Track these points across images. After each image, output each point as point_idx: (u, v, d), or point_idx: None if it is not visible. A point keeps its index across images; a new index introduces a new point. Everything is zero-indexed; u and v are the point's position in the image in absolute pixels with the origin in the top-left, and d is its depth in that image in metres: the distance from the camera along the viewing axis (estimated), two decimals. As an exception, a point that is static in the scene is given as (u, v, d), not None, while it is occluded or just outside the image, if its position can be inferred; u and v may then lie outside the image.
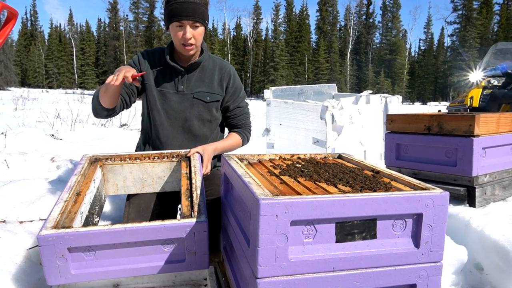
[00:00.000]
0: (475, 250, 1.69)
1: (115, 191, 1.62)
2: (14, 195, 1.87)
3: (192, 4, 1.60)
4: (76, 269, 1.10)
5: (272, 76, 48.01)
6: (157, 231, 1.09)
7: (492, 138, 2.03)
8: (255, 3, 56.17)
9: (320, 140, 3.25)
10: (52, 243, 1.04)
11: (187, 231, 1.11)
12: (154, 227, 1.08)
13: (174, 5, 1.60)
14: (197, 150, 1.64)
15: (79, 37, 57.01)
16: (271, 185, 1.06)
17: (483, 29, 47.69)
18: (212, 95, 1.79)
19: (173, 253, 1.14)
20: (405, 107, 22.93)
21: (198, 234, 1.12)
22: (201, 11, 1.63)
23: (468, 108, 4.93)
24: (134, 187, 1.63)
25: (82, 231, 1.06)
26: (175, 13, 1.60)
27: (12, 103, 13.20)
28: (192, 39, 1.64)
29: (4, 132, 3.87)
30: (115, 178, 1.60)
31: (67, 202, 1.24)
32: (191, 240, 1.12)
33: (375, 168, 1.24)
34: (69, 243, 1.06)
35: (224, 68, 1.83)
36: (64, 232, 1.05)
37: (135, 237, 1.09)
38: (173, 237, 1.12)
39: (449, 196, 0.97)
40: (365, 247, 0.94)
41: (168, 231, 1.10)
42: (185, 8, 1.59)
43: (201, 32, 1.67)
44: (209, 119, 1.82)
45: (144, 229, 1.08)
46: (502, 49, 5.65)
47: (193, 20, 1.61)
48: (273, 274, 0.87)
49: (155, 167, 1.62)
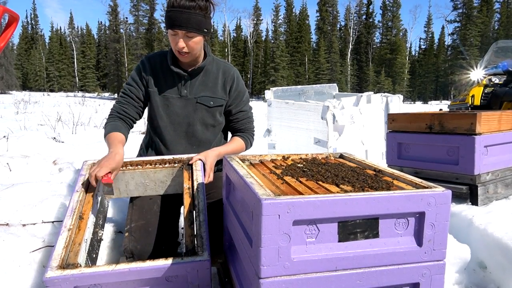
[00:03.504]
0: (478, 249, 1.69)
1: (117, 194, 1.63)
2: (17, 198, 1.87)
3: (186, 14, 1.56)
4: None
5: (273, 77, 48.00)
6: (160, 271, 1.12)
7: (494, 136, 2.02)
8: (255, 4, 56.24)
9: (321, 140, 3.25)
10: (58, 284, 1.07)
11: (189, 269, 1.14)
12: (157, 267, 1.11)
13: (171, 13, 1.58)
14: (199, 157, 1.63)
15: (79, 40, 57.19)
16: (273, 185, 1.07)
17: (483, 27, 47.62)
18: (216, 99, 1.78)
19: (176, 286, 1.17)
20: (406, 107, 22.91)
21: (201, 271, 1.15)
22: (197, 21, 1.58)
23: (469, 106, 4.92)
24: (137, 191, 1.64)
25: (87, 273, 1.08)
26: (170, 21, 1.59)
27: (14, 107, 13.25)
28: (185, 48, 1.62)
29: (6, 135, 3.88)
30: (117, 183, 1.60)
31: (70, 231, 1.25)
32: (194, 276, 1.15)
33: (377, 167, 1.24)
34: (75, 283, 1.08)
35: (228, 71, 1.82)
36: (70, 274, 1.07)
37: (139, 276, 1.11)
38: (176, 274, 1.15)
39: (451, 194, 0.97)
40: (367, 246, 0.94)
41: (171, 270, 1.12)
42: (178, 18, 1.56)
43: (196, 41, 1.63)
44: (212, 124, 1.81)
45: (148, 269, 1.11)
46: (503, 47, 5.64)
47: (186, 30, 1.58)
48: (276, 274, 0.87)
49: (157, 173, 1.62)
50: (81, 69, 53.88)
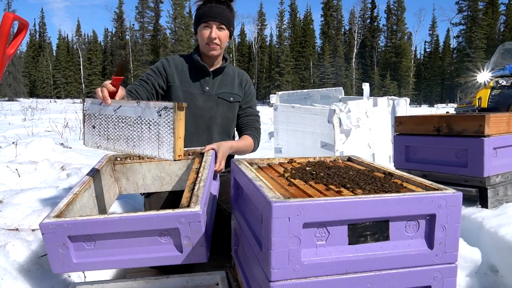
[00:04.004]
0: (489, 252, 1.67)
1: (135, 189, 1.66)
2: (26, 204, 1.88)
3: (219, 8, 1.77)
4: (77, 258, 1.12)
5: (278, 82, 48.09)
6: (151, 221, 1.09)
7: (503, 138, 2.00)
8: (259, 10, 56.54)
9: (328, 143, 3.24)
10: (52, 231, 1.08)
11: (181, 221, 1.09)
12: (148, 216, 1.09)
13: (203, 9, 1.77)
14: (212, 146, 1.65)
15: (86, 47, 57.75)
16: (282, 188, 1.06)
17: (489, 29, 47.39)
18: (235, 95, 1.93)
19: (170, 244, 1.14)
20: (412, 110, 22.73)
21: (193, 225, 1.10)
22: (227, 16, 1.79)
23: (476, 109, 4.89)
24: (154, 186, 1.66)
25: (79, 220, 1.09)
26: (203, 15, 1.77)
27: (21, 114, 13.38)
28: (217, 39, 1.77)
29: (15, 141, 3.92)
30: (135, 177, 1.64)
31: (75, 195, 1.27)
32: (186, 230, 1.10)
33: (386, 169, 1.23)
34: (68, 231, 1.08)
35: (243, 74, 2.02)
36: (63, 221, 1.08)
37: (130, 226, 1.09)
38: (168, 228, 1.11)
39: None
40: (378, 249, 0.93)
41: (162, 221, 1.09)
42: (212, 11, 1.76)
43: (226, 34, 1.81)
44: (232, 119, 1.94)
45: (139, 218, 1.09)
46: (510, 49, 5.61)
47: (219, 21, 1.76)
48: (286, 277, 0.87)
49: (172, 165, 1.65)
50: (87, 75, 54.37)
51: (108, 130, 1.31)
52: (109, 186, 1.55)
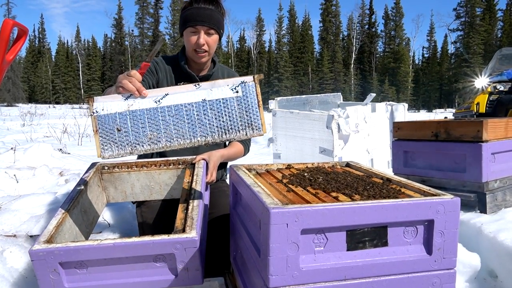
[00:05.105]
0: (488, 257, 1.67)
1: (123, 198, 1.63)
2: (24, 210, 1.88)
3: (208, 10, 1.60)
4: (69, 283, 1.09)
5: (277, 87, 48.20)
6: (146, 247, 1.07)
7: (501, 143, 2.01)
8: (258, 16, 56.82)
9: (326, 149, 3.24)
10: (43, 257, 1.04)
11: (177, 247, 1.07)
12: (143, 242, 1.06)
13: (190, 11, 1.60)
14: (203, 157, 1.62)
15: (85, 53, 57.89)
16: (280, 194, 1.06)
17: (486, 35, 47.67)
18: None
19: (165, 268, 1.12)
20: (410, 115, 22.80)
21: (189, 250, 1.08)
22: (217, 19, 1.63)
23: (474, 114, 4.91)
24: (142, 194, 1.63)
25: (72, 246, 1.05)
26: (190, 18, 1.60)
27: (20, 119, 13.38)
28: (205, 45, 1.63)
29: (13, 147, 3.92)
30: (123, 186, 1.61)
31: (65, 214, 1.24)
32: (182, 256, 1.09)
33: (384, 175, 1.23)
34: (60, 258, 1.05)
35: (232, 76, 1.88)
36: (54, 247, 1.04)
37: (125, 252, 1.07)
38: (163, 253, 1.09)
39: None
40: (376, 255, 0.93)
41: (158, 247, 1.07)
42: (200, 14, 1.59)
43: (215, 39, 1.66)
44: None
45: (133, 245, 1.06)
46: (507, 54, 5.65)
47: (208, 26, 1.61)
48: (284, 284, 0.87)
49: (161, 174, 1.62)
50: (86, 81, 54.45)
51: (151, 127, 1.12)
52: (97, 197, 1.51)
